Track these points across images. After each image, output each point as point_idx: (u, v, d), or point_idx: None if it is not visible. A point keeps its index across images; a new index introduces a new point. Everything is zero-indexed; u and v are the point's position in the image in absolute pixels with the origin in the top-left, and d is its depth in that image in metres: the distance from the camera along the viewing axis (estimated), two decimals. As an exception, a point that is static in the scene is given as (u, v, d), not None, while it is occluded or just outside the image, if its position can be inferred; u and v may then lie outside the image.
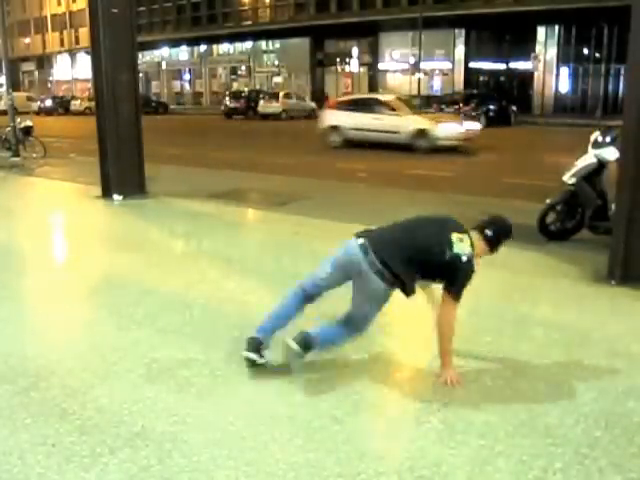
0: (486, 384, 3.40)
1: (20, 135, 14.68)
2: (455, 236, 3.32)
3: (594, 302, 4.77)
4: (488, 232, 3.47)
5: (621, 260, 5.11)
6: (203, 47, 49.94)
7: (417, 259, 3.32)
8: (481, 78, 36.34)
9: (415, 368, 3.76)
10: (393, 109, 16.87)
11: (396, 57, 38.60)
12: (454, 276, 3.31)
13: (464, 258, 3.28)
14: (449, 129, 16.18)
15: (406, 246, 3.35)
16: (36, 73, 67.03)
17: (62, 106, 43.18)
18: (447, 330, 3.34)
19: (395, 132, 16.23)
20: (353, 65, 39.83)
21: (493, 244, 3.49)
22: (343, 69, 41.73)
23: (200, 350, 3.83)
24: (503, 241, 3.54)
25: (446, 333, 3.35)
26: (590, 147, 6.37)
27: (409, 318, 4.51)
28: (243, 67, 48.67)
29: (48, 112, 41.05)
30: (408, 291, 3.36)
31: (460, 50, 35.66)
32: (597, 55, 32.12)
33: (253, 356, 3.44)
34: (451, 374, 3.38)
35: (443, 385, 3.37)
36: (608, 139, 6.23)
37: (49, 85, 63.30)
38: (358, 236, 3.45)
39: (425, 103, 33.73)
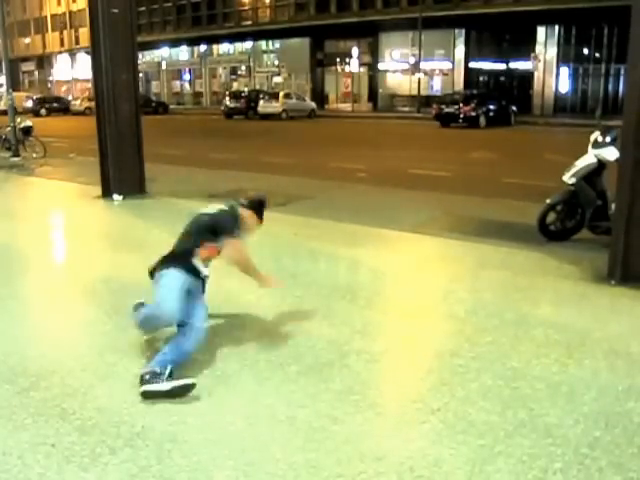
0: (486, 384, 3.40)
1: (20, 135, 14.69)
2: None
3: (594, 302, 4.77)
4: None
5: (621, 260, 5.11)
6: (203, 47, 49.92)
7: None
8: (481, 78, 36.31)
9: (415, 368, 3.76)
10: None
11: (396, 57, 38.59)
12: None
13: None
14: None
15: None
16: (36, 73, 67.05)
17: (43, 106, 41.12)
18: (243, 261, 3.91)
19: None
20: (353, 65, 39.82)
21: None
22: (343, 69, 41.72)
23: (200, 350, 3.83)
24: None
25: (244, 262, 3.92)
26: (590, 147, 6.37)
27: (409, 319, 4.51)
28: (243, 67, 48.65)
29: (35, 113, 38.75)
30: None
31: (460, 50, 35.65)
32: (597, 55, 32.10)
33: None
34: (266, 279, 3.96)
35: (266, 287, 3.94)
36: (608, 139, 6.22)
37: (49, 85, 63.33)
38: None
39: (425, 103, 33.86)
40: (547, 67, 32.89)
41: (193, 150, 16.72)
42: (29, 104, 41.08)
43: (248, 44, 46.74)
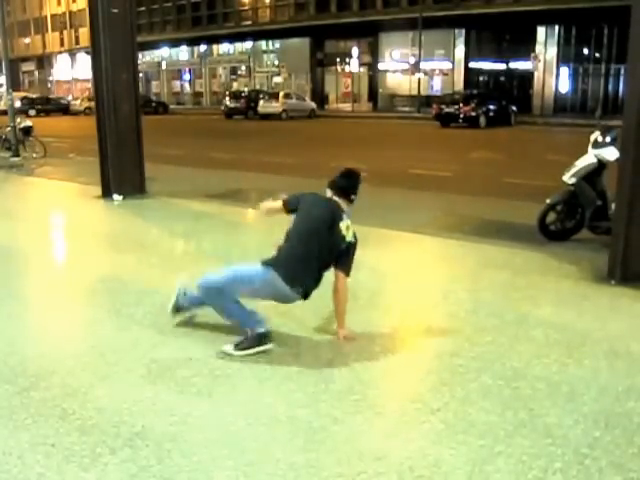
0: (486, 384, 3.40)
1: (20, 135, 14.69)
2: (343, 226, 3.90)
3: (594, 302, 4.78)
4: (344, 191, 4.14)
5: (621, 260, 5.11)
6: (203, 47, 49.90)
7: (321, 265, 3.88)
8: (481, 78, 36.28)
9: (415, 368, 3.76)
10: None
11: (396, 57, 38.57)
12: (347, 257, 3.91)
13: (354, 241, 3.93)
14: None
15: (309, 260, 3.83)
16: (36, 73, 67.05)
17: (33, 107, 39.36)
18: (344, 299, 3.95)
19: None
20: (353, 65, 39.80)
21: (352, 198, 4.15)
22: (343, 69, 41.69)
23: (200, 350, 3.83)
24: (357, 188, 4.20)
25: (344, 301, 3.96)
26: (590, 147, 6.37)
27: (409, 318, 4.51)
28: (243, 67, 48.64)
29: (24, 114, 38.04)
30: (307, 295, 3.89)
31: (460, 50, 35.63)
32: (597, 55, 32.07)
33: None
34: (345, 332, 3.97)
35: (340, 340, 3.92)
36: (608, 139, 6.22)
37: (49, 85, 63.31)
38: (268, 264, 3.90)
39: (425, 103, 33.86)
40: (547, 67, 32.87)
41: (193, 150, 16.71)
42: (17, 104, 40.02)
43: (248, 44, 46.73)
